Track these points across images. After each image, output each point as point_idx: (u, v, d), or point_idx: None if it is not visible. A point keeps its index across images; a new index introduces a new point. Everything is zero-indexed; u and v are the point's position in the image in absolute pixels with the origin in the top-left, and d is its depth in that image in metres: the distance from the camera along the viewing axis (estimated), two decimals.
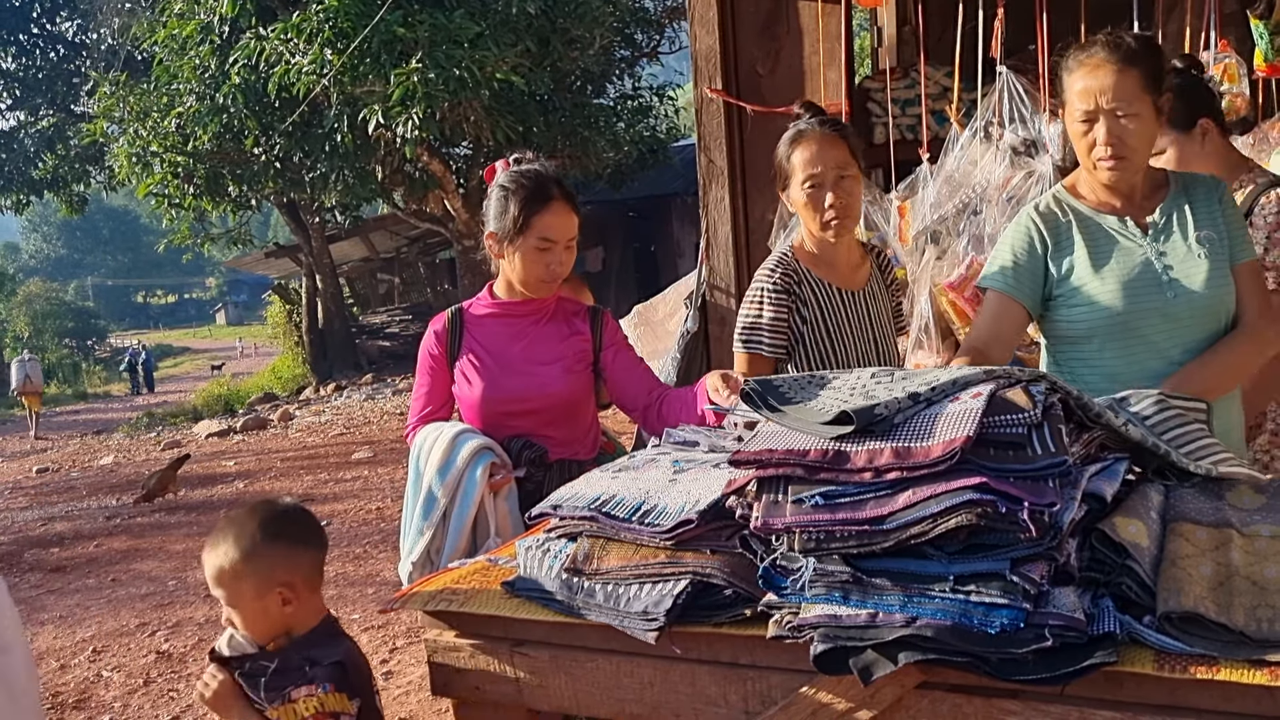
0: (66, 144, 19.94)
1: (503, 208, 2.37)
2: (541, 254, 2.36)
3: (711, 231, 4.25)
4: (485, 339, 2.45)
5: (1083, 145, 2.05)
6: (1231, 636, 1.14)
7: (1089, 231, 2.12)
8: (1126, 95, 1.97)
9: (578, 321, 2.51)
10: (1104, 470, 1.37)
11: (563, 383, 2.42)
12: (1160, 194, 2.12)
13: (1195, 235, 2.06)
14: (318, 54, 11.15)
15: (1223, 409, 2.07)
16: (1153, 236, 2.08)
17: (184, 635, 5.29)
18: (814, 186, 2.38)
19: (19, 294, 42.94)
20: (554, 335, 2.47)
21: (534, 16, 12.22)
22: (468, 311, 2.50)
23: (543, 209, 2.34)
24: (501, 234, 2.38)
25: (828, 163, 2.37)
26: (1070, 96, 2.04)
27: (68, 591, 6.49)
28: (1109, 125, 1.99)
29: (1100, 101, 1.97)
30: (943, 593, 1.20)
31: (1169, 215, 2.09)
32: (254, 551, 1.76)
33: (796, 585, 1.30)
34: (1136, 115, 1.98)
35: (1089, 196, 2.15)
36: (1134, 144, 2.01)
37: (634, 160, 16.72)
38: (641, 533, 1.47)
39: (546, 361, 2.43)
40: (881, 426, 1.31)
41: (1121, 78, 1.96)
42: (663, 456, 1.75)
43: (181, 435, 14.99)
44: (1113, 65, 1.97)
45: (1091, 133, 2.02)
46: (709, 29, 4.16)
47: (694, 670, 1.42)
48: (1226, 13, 3.98)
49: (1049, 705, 1.20)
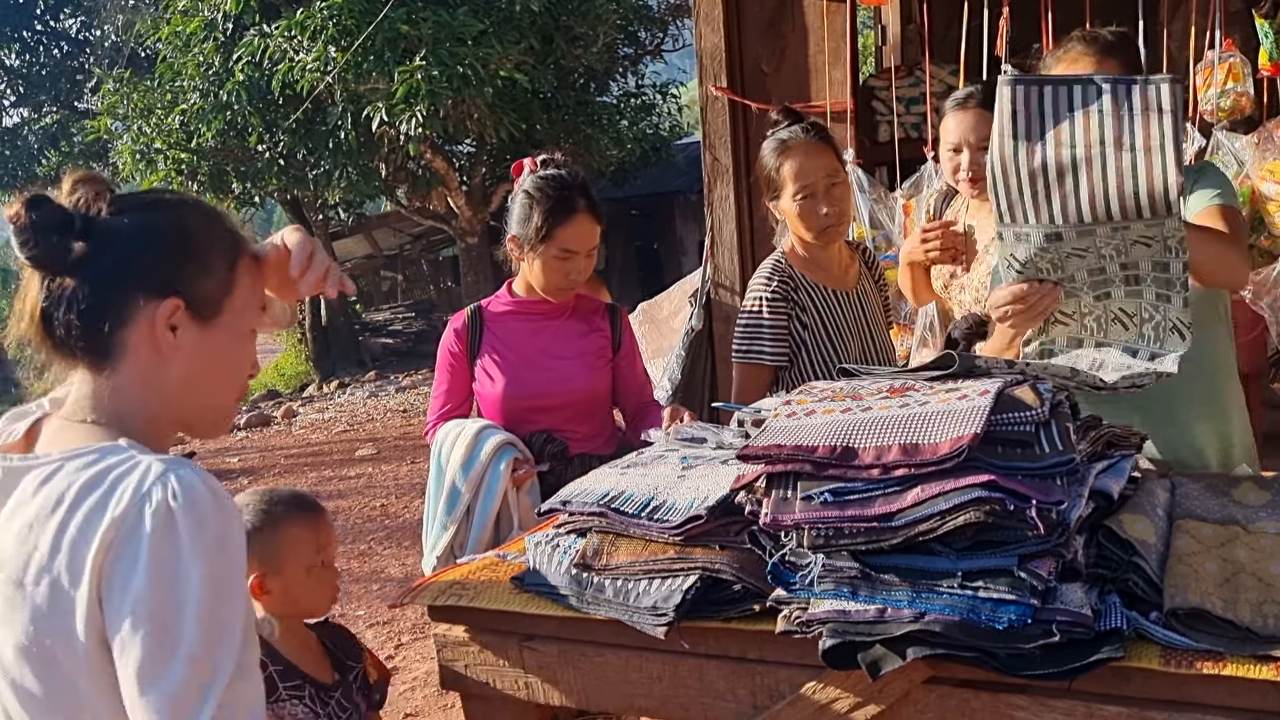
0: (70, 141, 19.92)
1: (526, 214, 2.38)
2: (562, 263, 2.38)
3: (716, 229, 4.26)
4: (506, 336, 2.47)
5: None
6: (1238, 632, 1.15)
7: None
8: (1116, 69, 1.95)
9: (597, 319, 2.54)
10: (1111, 468, 1.38)
11: (584, 378, 2.46)
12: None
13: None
14: (322, 51, 11.15)
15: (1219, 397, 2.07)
16: None
17: None
18: (807, 196, 2.39)
19: None
20: (574, 331, 2.50)
21: (538, 14, 12.20)
22: (487, 309, 2.52)
23: (567, 220, 2.35)
24: (524, 240, 2.40)
25: (818, 171, 2.38)
26: None
27: None
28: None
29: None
30: (951, 589, 1.21)
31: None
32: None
33: (805, 581, 1.31)
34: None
35: None
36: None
37: (637, 158, 16.69)
38: (650, 528, 1.48)
39: (568, 357, 2.46)
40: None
41: (1100, 68, 1.96)
42: (671, 453, 1.76)
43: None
44: (1091, 57, 1.97)
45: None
46: (714, 27, 4.16)
47: (703, 665, 1.43)
48: (1231, 11, 3.98)
49: (1056, 700, 1.21)
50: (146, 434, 1.13)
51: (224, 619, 1.02)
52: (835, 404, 1.41)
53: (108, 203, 1.13)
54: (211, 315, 1.17)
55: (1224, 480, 1.56)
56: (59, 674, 1.05)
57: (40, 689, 1.06)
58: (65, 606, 1.02)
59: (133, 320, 1.12)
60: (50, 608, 1.03)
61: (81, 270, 1.10)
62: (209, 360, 1.17)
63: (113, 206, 1.13)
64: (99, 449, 1.07)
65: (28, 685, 1.06)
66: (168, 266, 1.14)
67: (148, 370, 1.14)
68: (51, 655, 1.04)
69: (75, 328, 1.11)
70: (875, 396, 1.40)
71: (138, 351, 1.13)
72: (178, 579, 0.99)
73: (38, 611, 1.04)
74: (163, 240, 1.14)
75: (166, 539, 0.99)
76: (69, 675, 1.04)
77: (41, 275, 1.12)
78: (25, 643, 1.05)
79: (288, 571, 1.78)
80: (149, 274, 1.13)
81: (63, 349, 1.13)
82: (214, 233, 1.20)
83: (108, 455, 1.06)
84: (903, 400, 1.38)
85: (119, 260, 1.12)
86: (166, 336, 1.13)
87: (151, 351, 1.13)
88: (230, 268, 1.20)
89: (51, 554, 1.03)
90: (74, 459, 1.06)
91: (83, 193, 1.13)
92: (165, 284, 1.13)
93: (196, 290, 1.15)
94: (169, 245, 1.15)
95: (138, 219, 1.14)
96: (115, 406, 1.13)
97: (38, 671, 1.05)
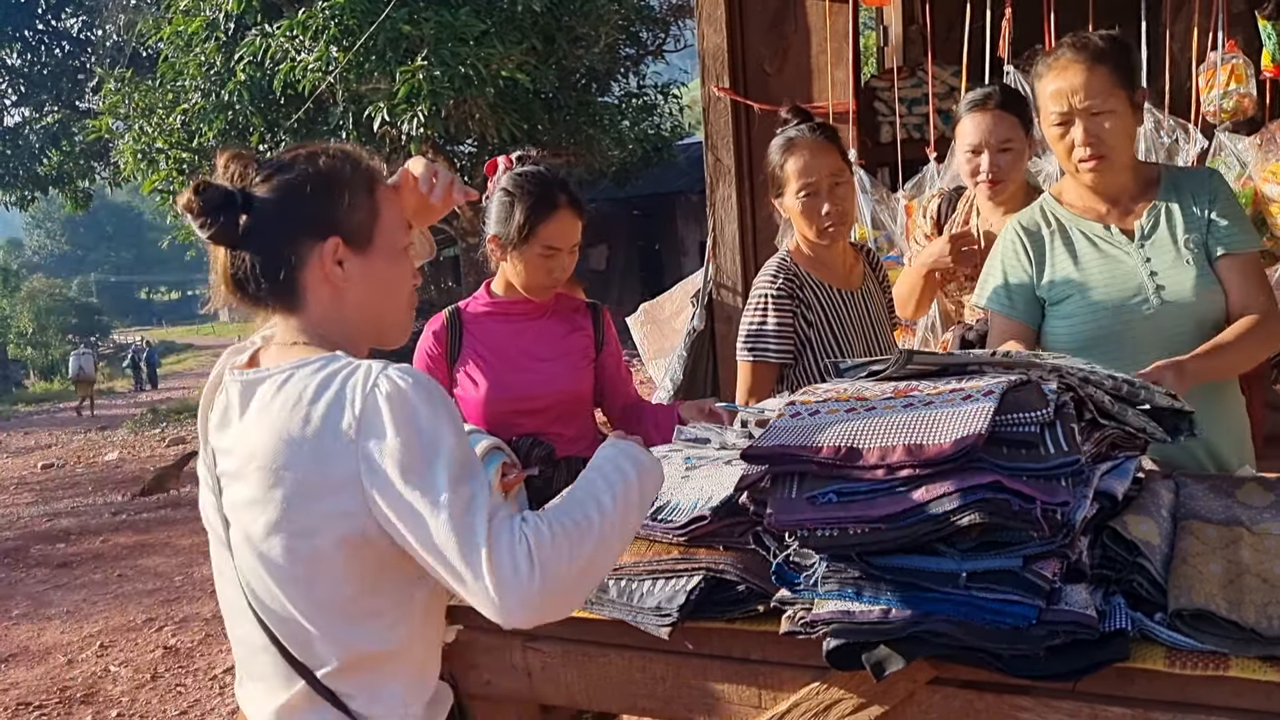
0: (71, 140, 19.92)
1: (507, 213, 2.33)
2: (546, 260, 2.33)
3: (718, 230, 4.25)
4: (486, 338, 2.41)
5: (1061, 149, 2.02)
6: (1242, 633, 1.15)
7: (1073, 241, 2.07)
8: (1099, 92, 1.93)
9: (579, 317, 2.50)
10: (1115, 469, 1.38)
11: (569, 378, 2.41)
12: (1150, 193, 2.05)
13: (1184, 239, 1.99)
14: (323, 51, 11.15)
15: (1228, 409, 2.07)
16: (1139, 242, 2.01)
17: (191, 630, 5.31)
18: (810, 195, 2.38)
19: (23, 290, 42.97)
20: (557, 331, 2.45)
21: (539, 14, 12.20)
22: (465, 311, 2.45)
23: (549, 217, 2.30)
24: (505, 239, 2.34)
25: (822, 170, 2.37)
26: (1044, 101, 2.01)
27: (74, 587, 6.51)
28: (1085, 124, 1.95)
29: (1073, 101, 1.94)
30: (955, 589, 1.21)
31: (1156, 218, 2.02)
32: None
33: (809, 581, 1.31)
34: (1112, 112, 1.95)
35: (1075, 203, 2.11)
36: (1112, 142, 1.97)
37: (639, 158, 16.70)
38: (654, 529, 1.48)
39: (552, 358, 2.41)
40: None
41: (1091, 75, 1.93)
42: (675, 454, 1.76)
43: (186, 432, 15.01)
44: (1081, 64, 1.94)
45: (1069, 135, 1.98)
46: (716, 27, 4.16)
47: (706, 666, 1.43)
48: (1234, 13, 3.98)
49: (1061, 701, 1.21)
50: (348, 350, 1.29)
51: (468, 457, 1.19)
52: (840, 404, 1.41)
53: (256, 172, 1.30)
54: (367, 243, 1.33)
55: (1228, 481, 1.55)
56: (302, 546, 1.21)
57: (285, 560, 1.22)
58: (311, 488, 1.19)
59: (304, 264, 1.29)
60: (297, 490, 1.19)
61: (251, 236, 1.28)
62: (376, 282, 1.34)
63: (260, 175, 1.30)
64: (321, 358, 1.24)
65: (274, 557, 1.23)
66: (320, 211, 1.30)
67: (329, 303, 1.31)
68: (297, 530, 1.20)
69: (261, 283, 1.29)
70: (880, 397, 1.40)
71: (317, 290, 1.30)
72: (424, 432, 1.16)
73: (287, 494, 1.20)
74: (310, 190, 1.30)
75: (405, 408, 1.16)
76: (310, 547, 1.21)
77: (222, 248, 1.29)
78: (276, 519, 1.21)
79: None
80: (307, 222, 1.29)
81: (257, 302, 1.31)
82: (350, 170, 1.34)
83: (330, 362, 1.23)
84: (907, 400, 1.37)
85: (279, 218, 1.28)
86: (335, 271, 1.30)
87: (328, 287, 1.30)
88: (371, 195, 1.35)
89: (299, 443, 1.18)
90: (302, 367, 1.23)
91: (234, 169, 1.30)
92: (322, 227, 1.29)
93: (349, 225, 1.31)
94: (317, 193, 1.30)
95: (284, 178, 1.30)
96: (317, 333, 1.31)
97: (285, 544, 1.22)
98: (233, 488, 1.26)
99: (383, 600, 1.25)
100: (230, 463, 1.27)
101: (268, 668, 1.29)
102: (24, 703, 4.55)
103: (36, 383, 33.29)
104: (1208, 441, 1.98)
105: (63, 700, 4.55)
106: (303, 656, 1.26)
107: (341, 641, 1.25)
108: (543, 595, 1.13)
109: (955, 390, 1.36)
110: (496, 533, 1.14)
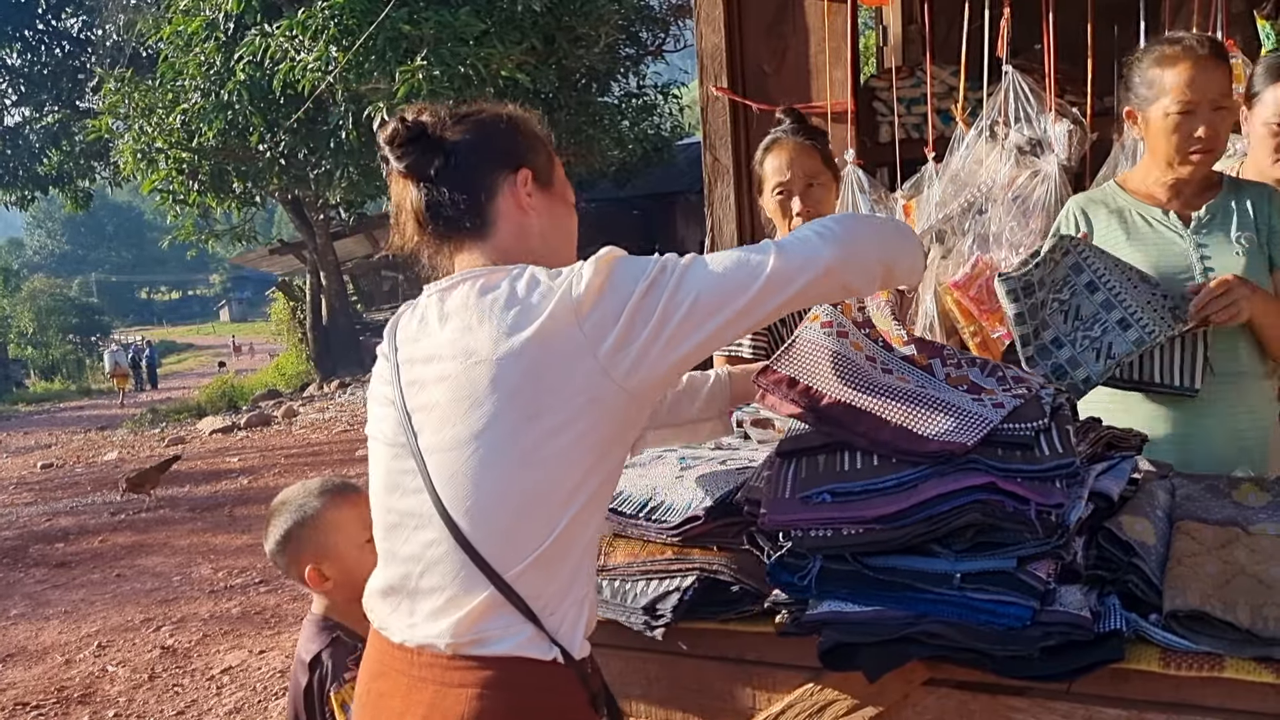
0: (71, 140, 19.92)
1: None
2: None
3: (717, 230, 4.25)
4: None
5: (1177, 137, 2.03)
6: (1237, 634, 1.15)
7: (1129, 221, 2.14)
8: (1225, 89, 2.00)
9: None
10: (1111, 469, 1.37)
11: None
12: (1211, 193, 2.12)
13: (1237, 235, 2.06)
14: (323, 51, 11.14)
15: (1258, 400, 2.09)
16: (1194, 229, 2.08)
17: (189, 630, 5.31)
18: (782, 194, 2.42)
19: (23, 290, 42.99)
20: None
21: (539, 14, 12.20)
22: None
23: None
24: None
25: (797, 171, 2.40)
26: (1163, 88, 2.02)
27: (72, 586, 6.51)
28: (1210, 118, 2.00)
29: (1205, 94, 1.98)
30: (950, 590, 1.21)
31: (1214, 213, 2.09)
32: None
33: (804, 582, 1.30)
34: (1229, 110, 2.03)
35: (1138, 190, 2.17)
36: (1225, 137, 2.05)
37: (638, 158, 16.71)
38: (648, 529, 1.47)
39: None
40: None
41: (1220, 73, 2.00)
42: (669, 453, 1.75)
43: (185, 431, 15.01)
44: (1213, 60, 2.00)
45: (1187, 125, 2.01)
46: (715, 27, 4.16)
47: (701, 666, 1.43)
48: (1234, 13, 3.97)
49: (1055, 702, 1.21)
50: None
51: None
52: (859, 353, 1.45)
53: (448, 114, 1.41)
54: (549, 183, 1.45)
55: (1224, 481, 1.55)
56: (530, 431, 1.24)
57: (506, 445, 1.24)
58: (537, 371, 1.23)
59: (498, 193, 1.39)
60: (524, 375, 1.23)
61: (447, 171, 1.37)
62: (555, 217, 1.46)
63: (453, 119, 1.41)
64: (516, 268, 1.32)
65: (488, 448, 1.25)
66: (512, 146, 1.42)
67: (518, 228, 1.40)
68: (522, 415, 1.24)
69: (459, 208, 1.37)
70: (897, 360, 1.43)
71: (509, 215, 1.40)
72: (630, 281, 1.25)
73: (510, 382, 1.23)
74: (505, 129, 1.43)
75: (615, 271, 1.25)
76: (539, 429, 1.24)
77: (415, 182, 1.38)
78: (495, 409, 1.24)
79: (341, 553, 1.86)
80: (501, 154, 1.41)
81: (445, 236, 1.40)
82: (534, 121, 1.48)
83: (525, 270, 1.31)
84: (921, 377, 1.39)
85: (475, 150, 1.39)
86: (525, 198, 1.40)
87: (519, 212, 1.40)
88: (547, 145, 1.48)
89: (504, 336, 1.24)
90: (496, 272, 1.32)
91: (430, 112, 1.41)
92: (515, 159, 1.41)
93: (536, 162, 1.43)
94: (510, 132, 1.43)
95: (478, 119, 1.42)
96: (505, 258, 1.38)
97: (508, 430, 1.24)
98: (429, 391, 1.30)
99: (588, 488, 1.26)
100: (428, 370, 1.31)
101: (447, 578, 1.26)
102: (21, 703, 4.55)
103: (37, 382, 33.28)
104: (1245, 433, 2.04)
105: (60, 700, 4.54)
106: (494, 557, 1.24)
107: (539, 535, 1.24)
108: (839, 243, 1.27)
109: (973, 385, 1.36)
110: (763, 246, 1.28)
